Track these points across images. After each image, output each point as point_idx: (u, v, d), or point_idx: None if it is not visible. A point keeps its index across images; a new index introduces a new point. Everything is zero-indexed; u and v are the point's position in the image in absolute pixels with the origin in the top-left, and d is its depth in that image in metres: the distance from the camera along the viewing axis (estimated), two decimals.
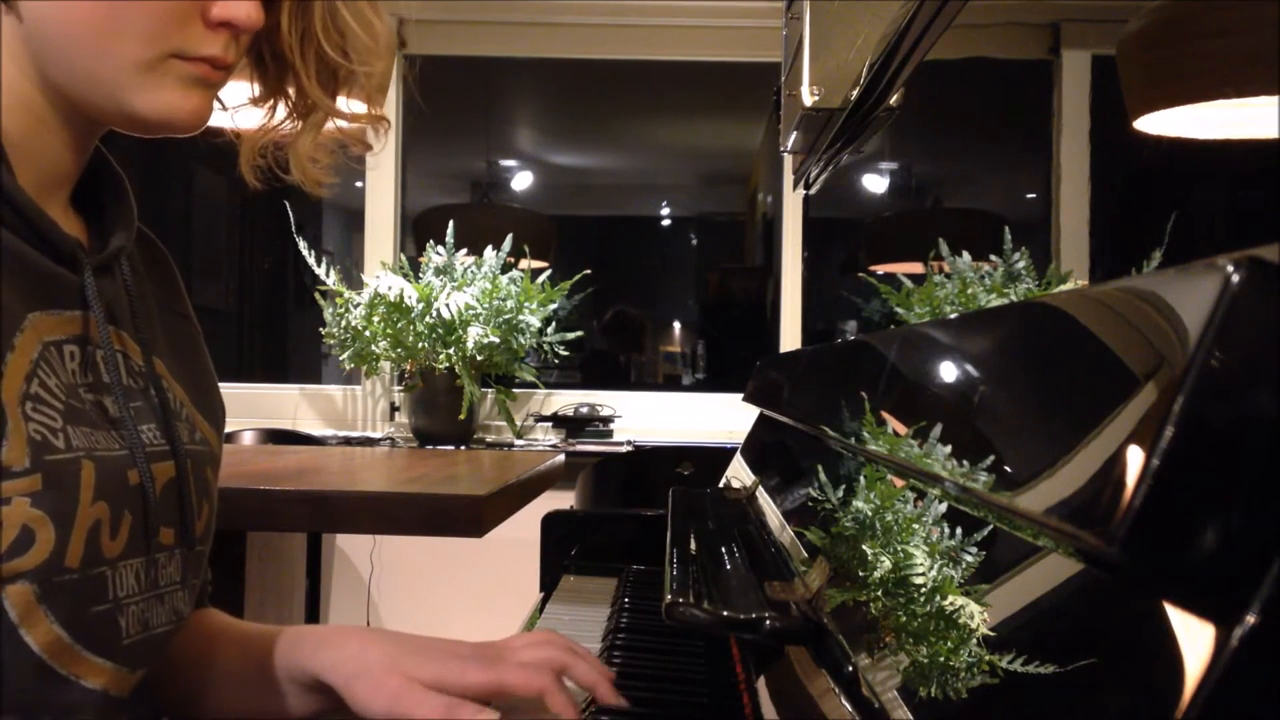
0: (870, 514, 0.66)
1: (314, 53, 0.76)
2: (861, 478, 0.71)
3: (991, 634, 0.43)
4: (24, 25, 0.65)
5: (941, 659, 0.47)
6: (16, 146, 0.67)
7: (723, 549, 0.92)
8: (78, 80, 0.67)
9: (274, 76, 0.78)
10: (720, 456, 1.62)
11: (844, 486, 0.75)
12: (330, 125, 0.81)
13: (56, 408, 0.63)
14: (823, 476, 0.80)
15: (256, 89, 0.80)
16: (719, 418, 3.05)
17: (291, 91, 0.78)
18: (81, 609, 0.63)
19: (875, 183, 4.07)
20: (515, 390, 2.99)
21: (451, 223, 2.93)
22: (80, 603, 0.63)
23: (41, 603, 0.61)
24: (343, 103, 0.80)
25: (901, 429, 0.62)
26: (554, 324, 2.92)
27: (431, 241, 2.94)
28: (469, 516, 1.27)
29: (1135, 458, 0.32)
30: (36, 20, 0.65)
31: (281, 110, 0.80)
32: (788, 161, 2.84)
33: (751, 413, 1.50)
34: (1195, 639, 0.29)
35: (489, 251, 2.91)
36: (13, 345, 0.62)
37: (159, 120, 0.68)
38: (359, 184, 3.24)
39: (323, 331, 2.88)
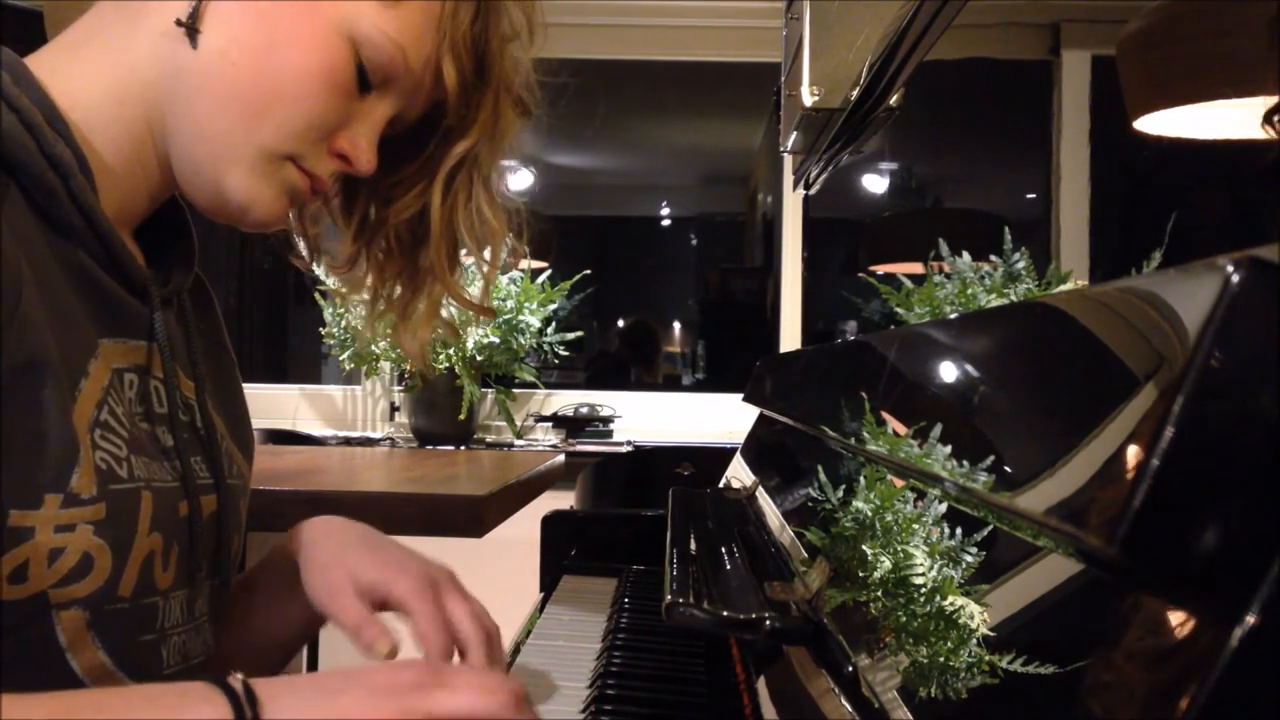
0: (870, 514, 0.66)
1: (451, 236, 0.80)
2: (861, 478, 0.71)
3: (991, 634, 0.43)
4: (187, 59, 0.66)
5: (941, 659, 0.47)
6: (108, 173, 0.67)
7: (723, 549, 0.92)
8: (199, 133, 0.68)
9: (401, 252, 0.82)
10: (720, 456, 1.62)
11: (844, 486, 0.75)
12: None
13: (122, 436, 0.64)
14: (823, 476, 0.80)
15: (363, 263, 0.84)
16: (719, 418, 3.05)
17: (407, 268, 0.82)
18: (129, 637, 0.64)
19: (875, 183, 4.06)
20: (515, 390, 2.99)
21: None
22: (128, 631, 0.64)
23: (91, 629, 0.61)
24: None
25: (901, 429, 0.62)
26: (554, 324, 2.92)
27: None
28: (469, 516, 1.26)
29: (1135, 458, 0.32)
30: (206, 57, 0.66)
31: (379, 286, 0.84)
32: (788, 161, 2.84)
33: (751, 413, 1.50)
34: (1195, 639, 0.29)
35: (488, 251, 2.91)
36: (87, 371, 0.63)
37: (240, 204, 0.69)
38: None
39: (323, 331, 2.88)
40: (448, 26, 0.72)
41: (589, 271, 2.97)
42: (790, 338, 3.13)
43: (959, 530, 0.51)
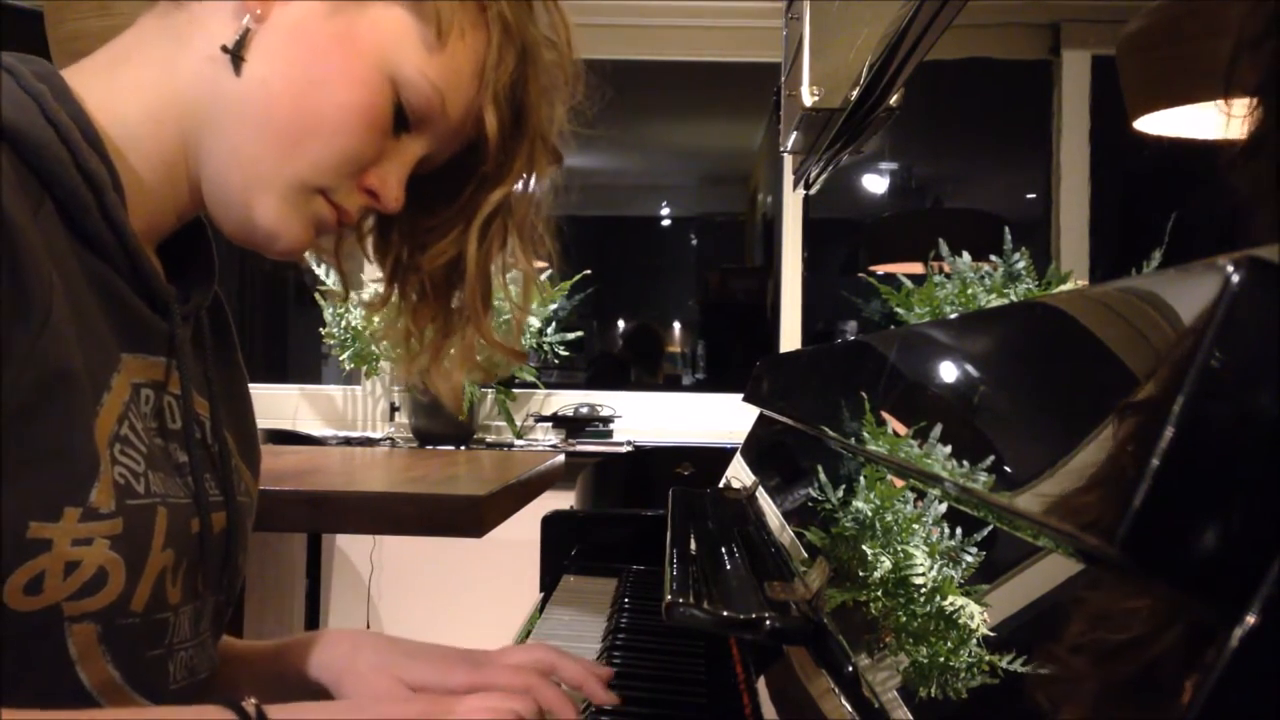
0: (870, 514, 0.66)
1: (485, 280, 0.81)
2: (861, 478, 0.71)
3: (991, 634, 0.44)
4: (229, 86, 0.67)
5: (941, 659, 0.47)
6: (140, 191, 0.67)
7: (723, 549, 0.91)
8: (233, 159, 0.68)
9: (436, 296, 0.83)
10: (720, 456, 1.62)
11: (844, 486, 0.75)
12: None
13: (141, 451, 0.64)
14: (823, 476, 0.80)
15: (398, 301, 0.85)
16: (719, 418, 3.05)
17: (441, 311, 0.84)
18: (138, 652, 0.64)
19: (875, 183, 4.06)
20: (515, 390, 2.99)
21: None
22: (138, 646, 0.64)
23: (101, 642, 0.61)
24: None
25: (901, 429, 0.62)
26: (554, 324, 2.92)
27: None
28: (469, 516, 1.27)
29: (1135, 458, 0.32)
30: (248, 85, 0.67)
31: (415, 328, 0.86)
32: (788, 161, 2.84)
33: (751, 413, 1.50)
34: (1195, 639, 0.29)
35: None
36: (109, 385, 0.63)
37: (267, 232, 0.70)
38: None
39: (323, 332, 2.88)
40: (490, 76, 0.73)
41: (589, 271, 2.97)
42: (790, 338, 3.13)
43: (959, 530, 0.51)
